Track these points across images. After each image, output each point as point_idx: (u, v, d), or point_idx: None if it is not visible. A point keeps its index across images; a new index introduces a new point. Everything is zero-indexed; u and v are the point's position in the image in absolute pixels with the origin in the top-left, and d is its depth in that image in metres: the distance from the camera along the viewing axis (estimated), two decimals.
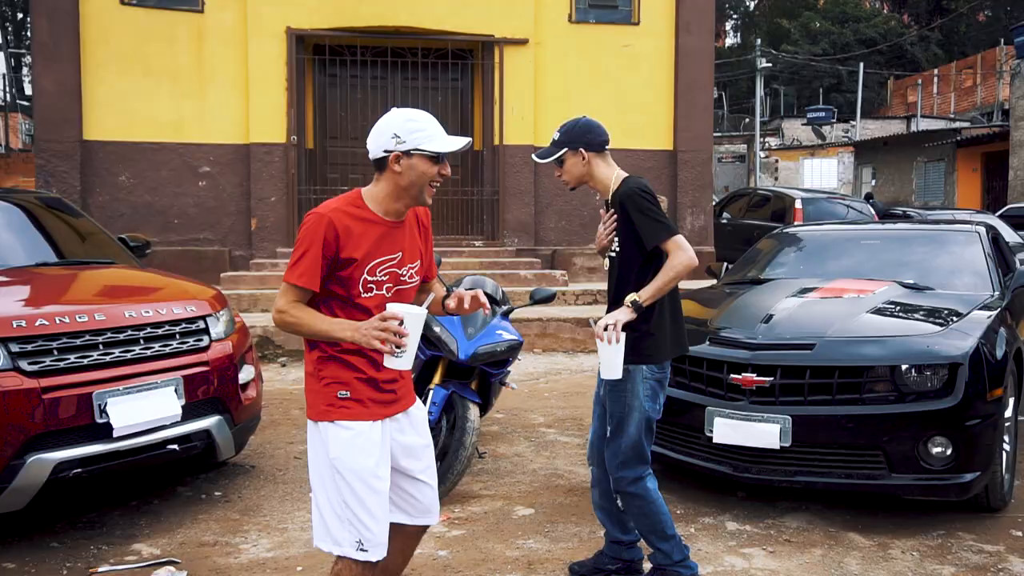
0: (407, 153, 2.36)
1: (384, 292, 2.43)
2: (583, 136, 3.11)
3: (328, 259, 2.33)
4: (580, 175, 3.14)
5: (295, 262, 2.34)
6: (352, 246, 2.34)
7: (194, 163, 10.15)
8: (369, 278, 2.39)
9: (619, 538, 3.35)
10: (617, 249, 3.10)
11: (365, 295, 2.39)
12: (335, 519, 2.41)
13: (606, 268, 3.20)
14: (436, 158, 2.39)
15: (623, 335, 2.90)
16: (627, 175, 3.16)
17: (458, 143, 2.40)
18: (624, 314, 2.92)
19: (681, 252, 2.96)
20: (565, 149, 3.12)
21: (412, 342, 2.29)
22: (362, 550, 2.40)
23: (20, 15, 35.56)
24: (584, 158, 3.10)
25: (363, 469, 2.40)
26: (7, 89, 33.30)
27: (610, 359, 2.91)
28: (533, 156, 3.18)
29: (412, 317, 2.28)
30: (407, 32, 10.32)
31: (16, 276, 4.22)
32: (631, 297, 2.96)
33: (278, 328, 2.39)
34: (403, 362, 2.31)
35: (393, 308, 2.30)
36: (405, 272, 2.47)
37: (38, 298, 3.97)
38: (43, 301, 3.92)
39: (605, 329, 2.90)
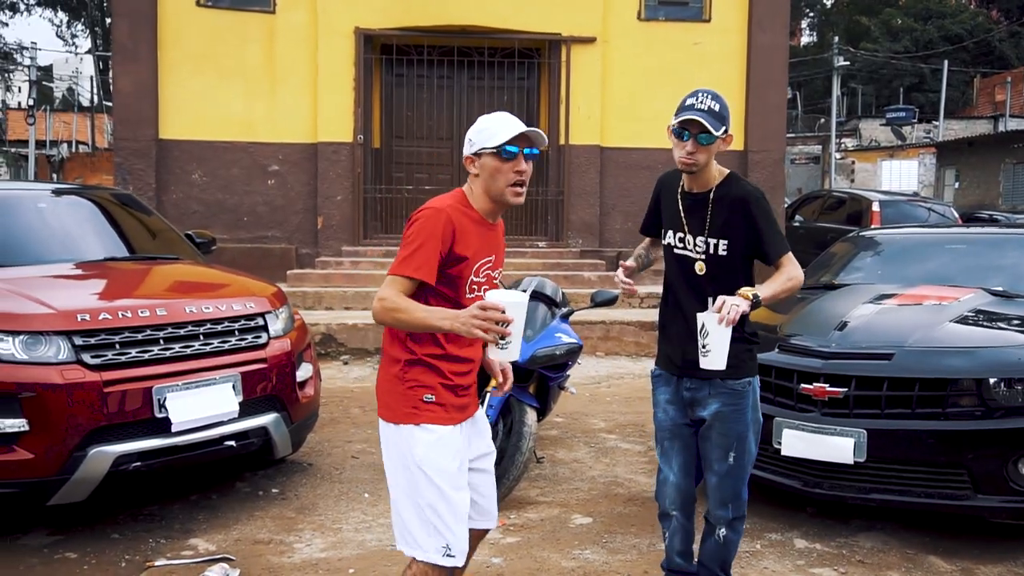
0: (477, 154, 2.40)
1: (482, 294, 2.45)
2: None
3: (442, 255, 2.33)
4: (711, 159, 2.75)
5: (409, 255, 2.32)
6: (464, 243, 2.36)
7: (264, 162, 10.32)
8: (475, 278, 2.41)
9: None
10: (724, 252, 2.75)
11: (470, 295, 2.40)
12: (419, 524, 2.38)
13: (700, 271, 2.80)
14: (500, 154, 2.36)
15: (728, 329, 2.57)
16: (729, 171, 2.84)
17: (510, 132, 2.36)
18: (745, 304, 2.57)
19: (798, 267, 2.72)
20: (727, 127, 2.71)
21: (517, 331, 2.20)
22: (449, 555, 2.38)
23: (109, 19, 37.06)
24: (726, 143, 2.74)
25: (449, 472, 2.39)
26: (96, 91, 34.76)
27: (721, 346, 2.58)
28: (699, 116, 2.63)
29: (514, 305, 2.19)
30: (474, 31, 10.28)
31: (84, 270, 4.31)
32: (752, 291, 2.61)
33: (376, 320, 2.33)
34: (509, 353, 2.22)
35: (493, 296, 2.22)
36: (497, 276, 2.52)
37: (102, 292, 4.04)
38: (107, 296, 3.98)
39: (726, 311, 2.52)
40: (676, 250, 2.86)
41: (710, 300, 2.66)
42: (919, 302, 4.34)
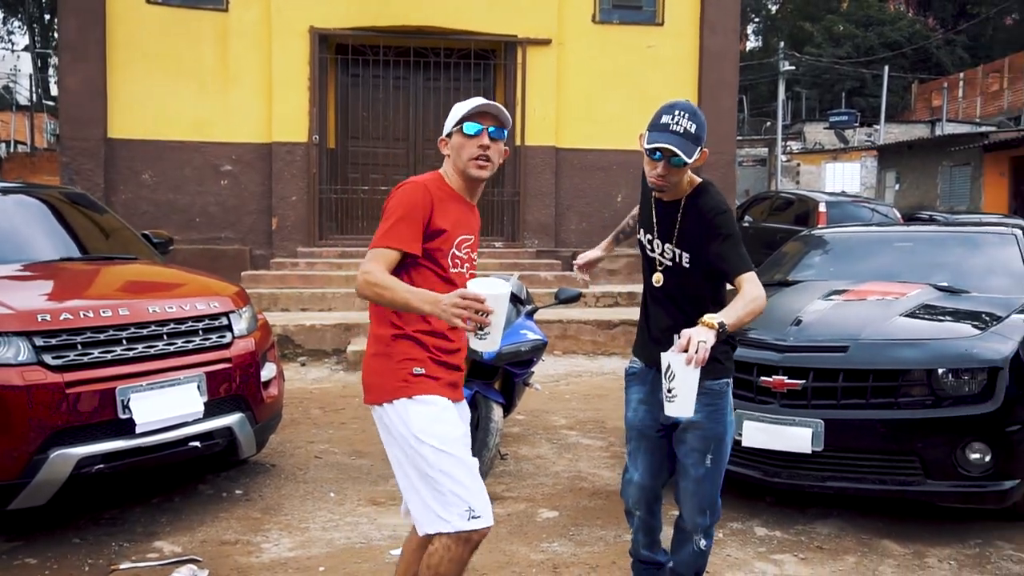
0: (449, 135, 2.51)
1: (464, 271, 2.49)
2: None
3: (423, 226, 2.37)
4: (684, 177, 2.63)
5: (391, 227, 2.35)
6: (443, 216, 2.41)
7: (216, 162, 10.18)
8: (457, 252, 2.45)
9: None
10: (687, 265, 2.65)
11: (453, 269, 2.44)
12: (436, 496, 2.35)
13: (657, 283, 2.73)
14: (462, 129, 2.45)
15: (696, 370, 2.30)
16: (701, 180, 2.72)
17: (470, 107, 2.45)
18: (712, 337, 2.29)
19: (760, 287, 2.48)
20: (702, 144, 2.55)
21: (497, 323, 2.18)
22: (474, 517, 2.36)
23: (47, 16, 36.01)
24: (701, 160, 2.58)
25: (453, 437, 2.40)
26: (34, 89, 33.76)
27: (689, 390, 2.29)
28: (673, 144, 2.49)
29: (495, 297, 2.17)
30: (430, 32, 10.30)
31: (40, 270, 4.22)
32: (716, 318, 2.33)
33: (358, 293, 2.29)
34: (488, 343, 2.20)
35: (475, 286, 2.19)
36: (475, 256, 2.55)
37: (62, 293, 3.96)
38: (67, 296, 3.90)
39: (693, 349, 2.25)
40: (647, 251, 2.81)
41: (676, 337, 2.35)
42: (870, 298, 4.50)
